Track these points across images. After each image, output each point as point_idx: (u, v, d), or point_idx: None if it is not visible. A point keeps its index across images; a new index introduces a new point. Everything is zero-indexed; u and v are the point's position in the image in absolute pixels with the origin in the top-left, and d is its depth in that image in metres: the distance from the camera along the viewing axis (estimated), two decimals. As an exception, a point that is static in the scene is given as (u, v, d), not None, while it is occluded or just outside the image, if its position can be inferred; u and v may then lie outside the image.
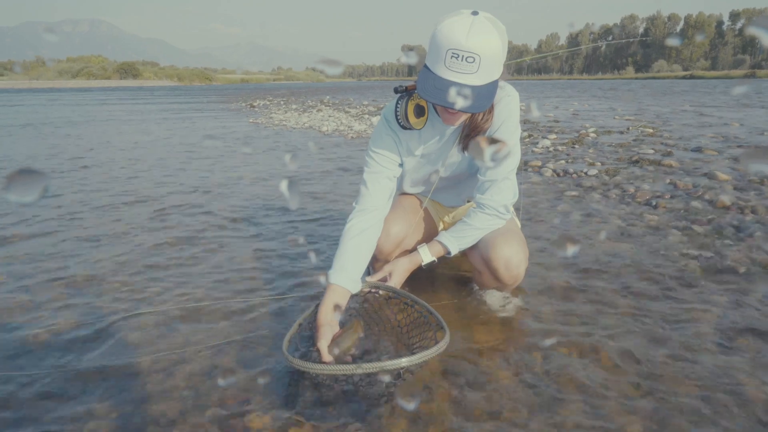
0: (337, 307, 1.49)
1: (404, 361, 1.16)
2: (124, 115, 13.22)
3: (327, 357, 1.34)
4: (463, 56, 1.33)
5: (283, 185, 1.27)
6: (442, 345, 1.23)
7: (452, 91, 1.36)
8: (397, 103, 1.62)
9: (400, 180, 1.89)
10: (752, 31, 0.66)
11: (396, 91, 1.61)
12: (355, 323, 1.47)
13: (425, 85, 1.40)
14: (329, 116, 11.10)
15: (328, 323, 1.45)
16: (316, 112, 12.65)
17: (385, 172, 1.71)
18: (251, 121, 10.82)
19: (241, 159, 5.56)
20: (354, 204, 1.72)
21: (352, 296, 1.59)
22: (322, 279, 1.56)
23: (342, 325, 1.50)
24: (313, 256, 2.39)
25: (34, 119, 11.84)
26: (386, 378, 1.23)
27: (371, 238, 1.66)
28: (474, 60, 1.34)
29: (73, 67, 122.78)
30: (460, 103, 1.36)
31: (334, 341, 1.38)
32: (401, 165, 1.77)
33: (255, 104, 17.09)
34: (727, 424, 1.20)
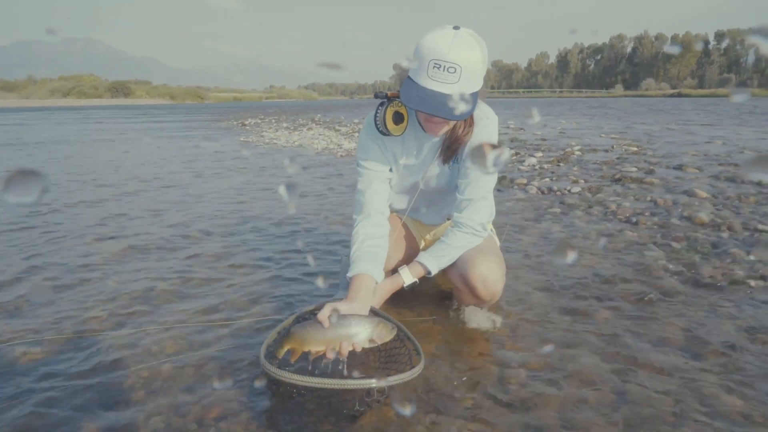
0: (363, 292, 1.53)
1: (373, 382, 1.19)
2: (114, 135, 13.24)
3: (324, 318, 1.34)
4: (444, 66, 1.41)
5: (282, 188, 1.30)
6: (417, 370, 1.26)
7: (434, 99, 1.42)
8: (377, 109, 1.67)
9: None
10: (753, 40, 0.67)
11: (377, 96, 1.67)
12: (387, 327, 1.40)
13: (408, 94, 1.47)
14: (320, 134, 11.18)
15: (357, 302, 1.48)
16: (306, 130, 12.73)
17: (378, 176, 1.76)
18: (242, 139, 10.87)
19: (233, 177, 5.60)
20: (354, 216, 1.77)
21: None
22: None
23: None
24: (321, 280, 2.41)
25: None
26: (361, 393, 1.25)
27: (383, 235, 1.73)
28: (455, 70, 1.42)
29: (65, 85, 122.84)
30: (440, 110, 1.43)
31: (347, 319, 1.37)
32: (391, 170, 1.80)
33: (246, 123, 17.16)
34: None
